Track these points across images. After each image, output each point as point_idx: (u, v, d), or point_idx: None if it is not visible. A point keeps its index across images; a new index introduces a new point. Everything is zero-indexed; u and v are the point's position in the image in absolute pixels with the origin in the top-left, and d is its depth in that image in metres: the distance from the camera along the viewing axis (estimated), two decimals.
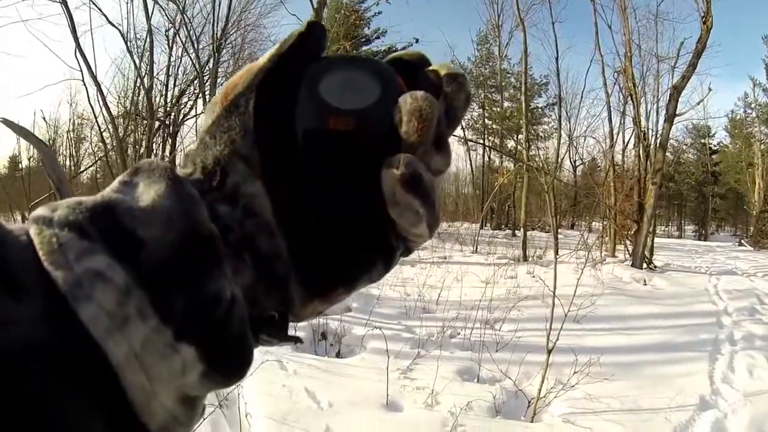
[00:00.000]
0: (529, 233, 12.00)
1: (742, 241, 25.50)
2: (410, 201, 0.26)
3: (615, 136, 14.73)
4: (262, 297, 0.26)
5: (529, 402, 3.33)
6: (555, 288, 3.76)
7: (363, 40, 22.80)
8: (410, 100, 0.27)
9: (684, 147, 32.44)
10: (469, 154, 25.25)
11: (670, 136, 11.72)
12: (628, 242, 11.78)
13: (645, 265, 10.58)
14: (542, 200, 14.40)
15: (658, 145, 11.10)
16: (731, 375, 4.24)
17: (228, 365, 0.23)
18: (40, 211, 0.22)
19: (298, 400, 3.22)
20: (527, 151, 13.18)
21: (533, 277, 7.72)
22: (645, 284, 8.64)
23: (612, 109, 14.81)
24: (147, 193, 0.23)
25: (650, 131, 13.22)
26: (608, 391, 3.59)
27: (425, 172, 0.27)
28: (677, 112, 10.72)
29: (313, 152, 0.27)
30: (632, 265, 10.35)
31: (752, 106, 28.46)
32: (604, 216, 14.01)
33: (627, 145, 15.01)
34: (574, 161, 23.87)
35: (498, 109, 25.11)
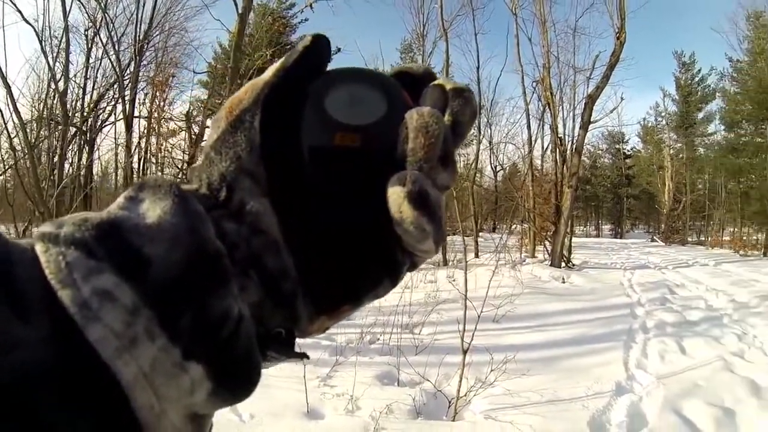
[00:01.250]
0: (450, 238, 12.14)
1: (654, 237, 27.48)
2: (417, 218, 0.26)
3: (533, 142, 15.37)
4: (269, 314, 0.26)
5: (450, 402, 3.38)
6: (466, 291, 3.88)
7: (289, 47, 22.54)
8: (417, 116, 0.27)
9: (600, 152, 34.99)
10: None
11: (586, 142, 12.44)
12: (547, 243, 12.31)
13: (563, 264, 11.18)
14: (463, 205, 14.73)
15: (573, 150, 11.73)
16: (645, 361, 4.54)
17: (236, 383, 0.24)
18: (46, 227, 0.22)
19: (219, 413, 3.08)
20: None
21: (453, 280, 7.88)
22: (563, 282, 9.04)
23: (531, 116, 15.45)
24: (153, 209, 0.23)
25: (567, 137, 14.00)
26: (527, 386, 3.74)
27: (431, 188, 0.26)
28: (592, 120, 11.48)
29: (319, 169, 0.27)
30: (551, 265, 10.88)
31: (662, 114, 31.03)
32: (524, 219, 14.61)
33: (545, 150, 15.80)
34: (495, 167, 24.68)
35: None
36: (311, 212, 0.27)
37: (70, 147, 12.57)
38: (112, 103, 14.71)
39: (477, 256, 12.26)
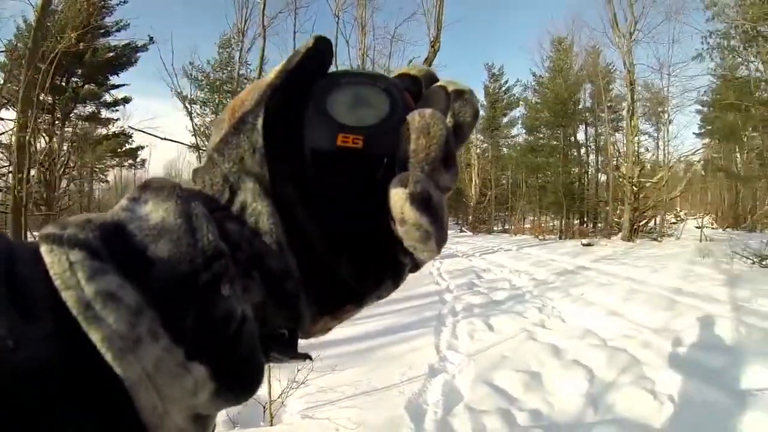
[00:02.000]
0: None
1: (463, 228, 30.37)
2: (419, 219, 0.26)
3: None
4: (271, 315, 0.26)
5: (264, 407, 3.28)
6: None
7: (102, 31, 20.29)
8: (418, 117, 0.27)
9: None
10: (199, 160, 23.61)
11: None
12: None
13: None
14: None
15: None
16: (455, 341, 4.88)
17: (239, 383, 0.24)
18: (50, 228, 0.22)
19: None
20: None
21: None
22: None
23: None
24: (156, 211, 0.23)
25: None
26: (342, 380, 3.82)
27: (434, 190, 0.26)
28: None
29: (321, 170, 0.27)
30: None
31: None
32: None
33: None
34: None
35: None
36: (314, 213, 0.27)
37: None
38: None
39: None
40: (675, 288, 7.25)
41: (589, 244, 16.48)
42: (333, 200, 0.27)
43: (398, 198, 0.25)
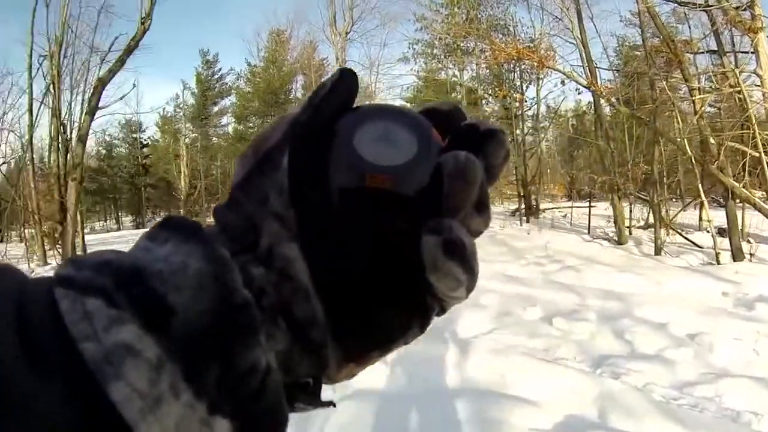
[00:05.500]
0: None
1: None
2: (452, 268, 0.25)
3: (34, 129, 12.60)
4: (296, 362, 0.25)
5: None
6: None
7: None
8: (453, 161, 0.26)
9: (116, 141, 33.60)
10: None
11: (99, 130, 11.01)
12: (57, 247, 10.61)
13: None
14: None
15: (77, 138, 10.39)
16: None
17: None
18: (66, 269, 0.21)
19: None
20: None
21: None
22: None
23: (34, 99, 12.53)
24: (176, 254, 0.22)
25: (73, 125, 12.00)
26: None
27: (466, 236, 0.25)
28: (101, 105, 10.42)
29: (349, 211, 0.26)
30: None
31: (181, 106, 31.91)
32: (27, 221, 12.20)
33: (51, 141, 13.00)
34: None
35: None
36: (341, 257, 0.26)
37: None
38: None
39: None
40: None
41: None
42: (360, 242, 0.26)
43: (431, 245, 0.25)
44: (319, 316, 0.25)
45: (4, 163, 21.32)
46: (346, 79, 0.27)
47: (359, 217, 0.26)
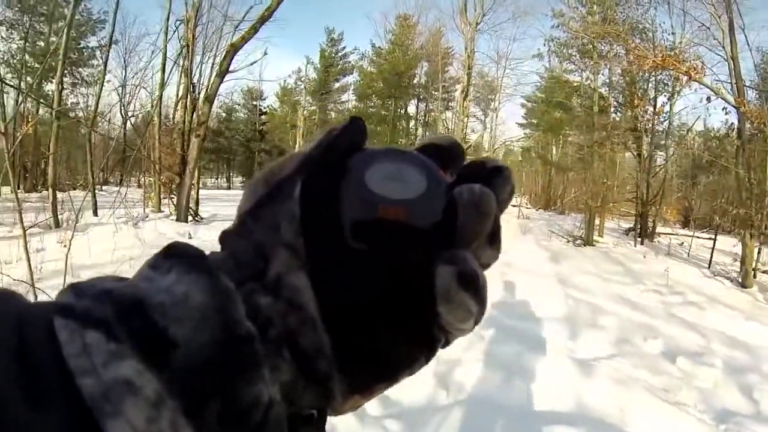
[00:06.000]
0: (69, 193, 9.68)
1: None
2: (465, 300, 0.25)
3: (165, 87, 13.80)
4: (301, 394, 0.25)
5: None
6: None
7: None
8: (468, 193, 0.26)
9: (237, 106, 36.18)
10: (2, 98, 18.22)
11: (223, 93, 11.80)
12: (172, 196, 11.52)
13: (191, 218, 10.62)
14: (85, 153, 12.46)
15: (205, 98, 11.05)
16: None
17: None
18: (66, 297, 0.21)
19: None
20: (59, 95, 10.66)
21: (64, 246, 6.17)
22: (190, 237, 8.45)
23: (167, 58, 13.77)
24: (179, 284, 0.22)
25: (201, 86, 13.08)
26: None
27: (479, 268, 0.26)
28: (231, 70, 10.94)
29: (360, 242, 0.26)
30: (177, 220, 10.16)
31: (303, 79, 33.70)
32: (147, 170, 13.40)
33: (179, 99, 14.12)
34: (125, 114, 22.37)
35: (42, 44, 20.75)
36: (352, 288, 0.26)
37: None
38: None
39: (95, 214, 10.30)
40: (505, 262, 7.37)
41: None
42: (372, 273, 0.26)
43: (446, 277, 0.25)
44: (325, 348, 0.25)
45: (133, 116, 23.73)
46: (356, 124, 0.29)
47: (372, 248, 0.26)
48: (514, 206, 20.46)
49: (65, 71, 13.05)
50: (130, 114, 23.04)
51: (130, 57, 24.58)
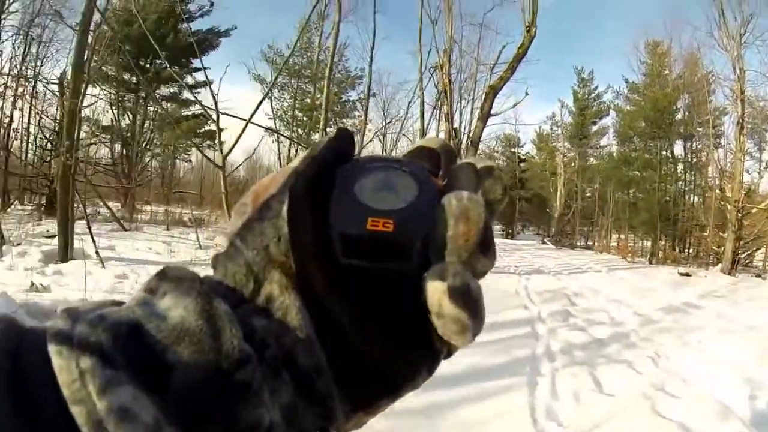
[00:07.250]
0: None
1: (545, 240, 28.50)
2: (458, 314, 0.24)
3: (425, 132, 14.61)
4: (302, 415, 0.24)
5: None
6: None
7: (186, 16, 20.92)
8: (455, 201, 0.25)
9: (496, 154, 36.40)
10: (278, 147, 23.50)
11: (484, 141, 11.92)
12: None
13: None
14: None
15: (470, 143, 11.33)
16: (556, 405, 3.44)
17: None
18: (60, 322, 0.21)
19: None
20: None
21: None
22: None
23: (425, 104, 14.72)
24: (175, 308, 0.22)
25: (462, 131, 13.47)
26: None
27: (472, 279, 0.25)
28: (492, 113, 11.09)
29: (350, 256, 0.25)
30: None
31: (558, 124, 32.91)
32: None
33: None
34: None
35: (308, 100, 24.98)
36: (345, 303, 0.25)
37: None
38: None
39: None
40: None
41: (687, 274, 14.55)
42: (363, 288, 0.26)
43: (436, 292, 0.24)
44: (323, 366, 0.24)
45: None
46: (343, 136, 0.28)
47: (362, 263, 0.25)
48: None
49: (329, 122, 15.02)
50: None
51: (388, 108, 27.28)
